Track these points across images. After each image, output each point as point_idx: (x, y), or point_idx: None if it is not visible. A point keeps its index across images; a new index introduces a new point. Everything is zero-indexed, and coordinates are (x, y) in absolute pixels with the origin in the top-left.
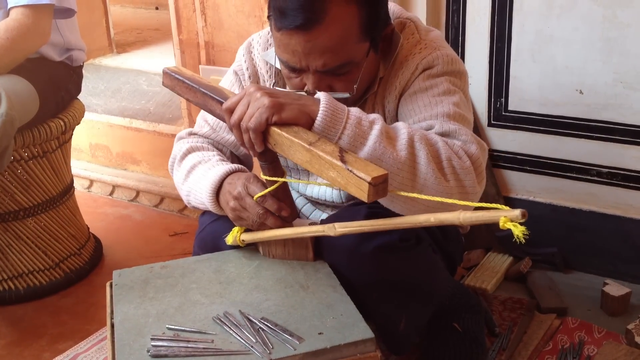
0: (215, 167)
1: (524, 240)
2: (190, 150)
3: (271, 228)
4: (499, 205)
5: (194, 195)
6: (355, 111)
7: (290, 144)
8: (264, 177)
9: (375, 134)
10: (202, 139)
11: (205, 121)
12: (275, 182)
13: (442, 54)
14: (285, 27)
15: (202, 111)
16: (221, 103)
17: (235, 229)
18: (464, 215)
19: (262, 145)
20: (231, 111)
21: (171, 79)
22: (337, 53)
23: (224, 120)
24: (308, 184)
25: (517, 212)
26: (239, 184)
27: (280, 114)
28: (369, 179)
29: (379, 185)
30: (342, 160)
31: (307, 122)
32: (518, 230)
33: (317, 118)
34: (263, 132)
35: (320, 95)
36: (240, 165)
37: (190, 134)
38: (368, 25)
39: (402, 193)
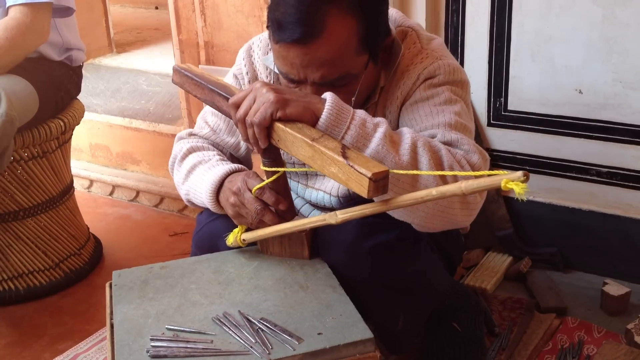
0: (216, 166)
1: (525, 198)
2: (191, 150)
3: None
4: (500, 172)
5: (194, 194)
6: (360, 113)
7: (293, 139)
8: (263, 168)
9: (378, 137)
10: (202, 139)
11: (205, 122)
12: (275, 174)
13: (444, 63)
14: (283, 40)
15: (202, 112)
16: (228, 99)
17: (236, 230)
18: (465, 184)
19: (266, 141)
20: (237, 106)
21: (180, 76)
22: (335, 66)
23: (230, 117)
24: (308, 183)
25: (518, 173)
26: (239, 179)
27: (285, 110)
28: (369, 174)
29: (380, 181)
30: (344, 156)
31: (312, 120)
32: (519, 188)
33: (322, 116)
34: (267, 128)
35: (327, 94)
36: (240, 165)
37: (191, 134)
38: (367, 38)
39: (400, 172)
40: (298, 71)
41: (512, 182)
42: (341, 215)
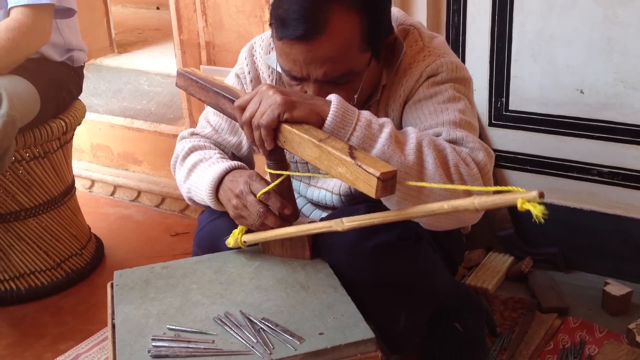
0: (215, 164)
1: (543, 221)
2: (192, 149)
3: (272, 228)
4: (514, 188)
5: (195, 192)
6: (366, 114)
7: (300, 140)
8: (268, 170)
9: (384, 137)
10: (204, 139)
11: (207, 122)
12: (280, 178)
13: (447, 61)
14: (287, 36)
15: (204, 112)
16: (233, 101)
17: (236, 231)
18: (479, 200)
19: (273, 143)
20: (243, 109)
21: (185, 80)
22: (338, 63)
23: (235, 120)
24: (311, 181)
25: (534, 193)
26: (242, 181)
27: (292, 112)
28: (377, 174)
29: (388, 181)
30: (352, 156)
31: (318, 122)
32: (537, 210)
33: (328, 118)
34: (274, 130)
35: (332, 96)
36: (240, 162)
37: (193, 134)
38: (370, 36)
39: (411, 183)
40: (301, 68)
41: (528, 202)
42: (348, 223)
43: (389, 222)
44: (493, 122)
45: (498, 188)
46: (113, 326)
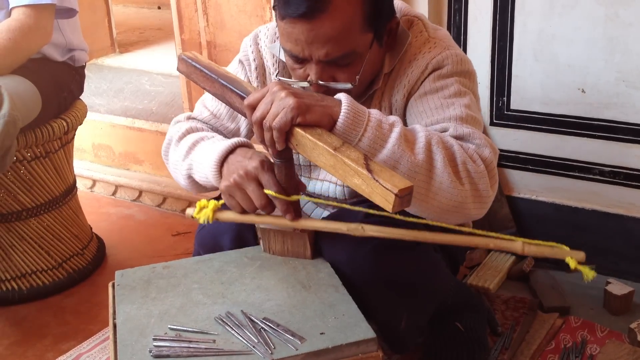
0: (223, 140)
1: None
2: (190, 131)
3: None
4: (559, 245)
5: (197, 167)
6: (375, 113)
7: (313, 146)
8: (267, 192)
9: (394, 137)
10: (201, 123)
11: (205, 107)
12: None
13: (452, 53)
14: (289, 15)
15: (201, 98)
16: (241, 97)
17: (211, 204)
18: (528, 247)
19: (284, 145)
20: (253, 107)
21: (187, 66)
22: (340, 43)
23: (242, 114)
24: (312, 174)
25: (582, 254)
26: (253, 163)
27: (305, 116)
28: (395, 190)
29: (405, 197)
30: (368, 168)
31: (329, 124)
32: (589, 272)
33: (339, 120)
34: (287, 132)
35: (341, 96)
36: (248, 141)
37: (189, 118)
38: (372, 16)
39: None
40: (303, 48)
41: (578, 263)
42: (370, 232)
43: (418, 240)
44: (495, 121)
45: (542, 242)
46: (114, 326)
